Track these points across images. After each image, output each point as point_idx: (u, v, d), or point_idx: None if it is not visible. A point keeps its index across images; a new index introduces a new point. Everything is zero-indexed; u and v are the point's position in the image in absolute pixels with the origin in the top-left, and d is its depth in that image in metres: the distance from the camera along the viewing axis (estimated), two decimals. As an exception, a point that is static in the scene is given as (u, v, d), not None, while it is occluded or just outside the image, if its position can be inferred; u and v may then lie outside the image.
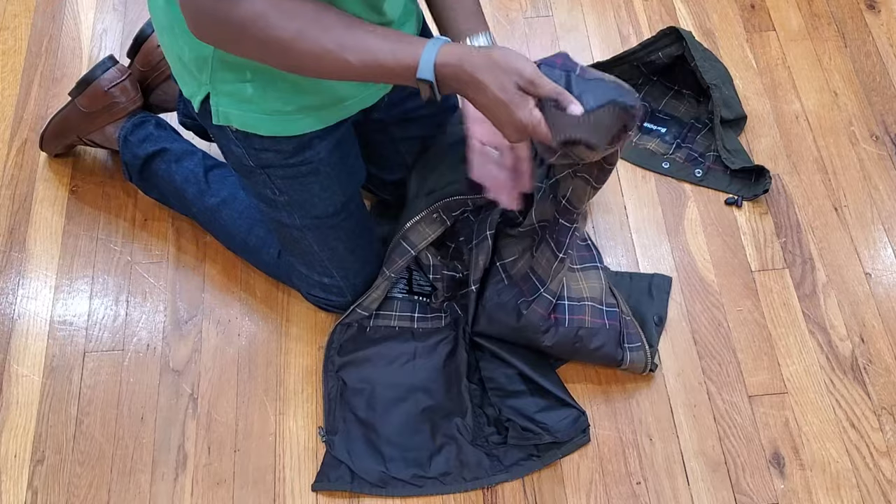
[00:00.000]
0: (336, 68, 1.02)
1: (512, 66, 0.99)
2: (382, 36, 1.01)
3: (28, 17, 1.83)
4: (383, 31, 1.02)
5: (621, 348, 1.41)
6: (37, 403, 1.42)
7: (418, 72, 1.01)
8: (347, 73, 1.03)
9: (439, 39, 1.03)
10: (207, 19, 0.98)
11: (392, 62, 1.01)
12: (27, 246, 1.57)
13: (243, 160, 1.26)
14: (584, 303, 1.41)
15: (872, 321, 1.50)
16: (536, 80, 0.99)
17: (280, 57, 1.02)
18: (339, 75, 1.04)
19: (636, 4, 1.88)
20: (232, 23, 0.97)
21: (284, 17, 0.97)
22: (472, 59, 0.99)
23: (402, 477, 1.34)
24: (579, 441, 1.37)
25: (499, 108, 1.00)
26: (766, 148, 1.69)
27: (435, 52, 1.00)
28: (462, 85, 1.01)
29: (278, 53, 1.01)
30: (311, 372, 1.45)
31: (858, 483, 1.36)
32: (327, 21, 1.00)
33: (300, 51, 1.00)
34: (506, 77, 0.99)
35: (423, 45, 1.01)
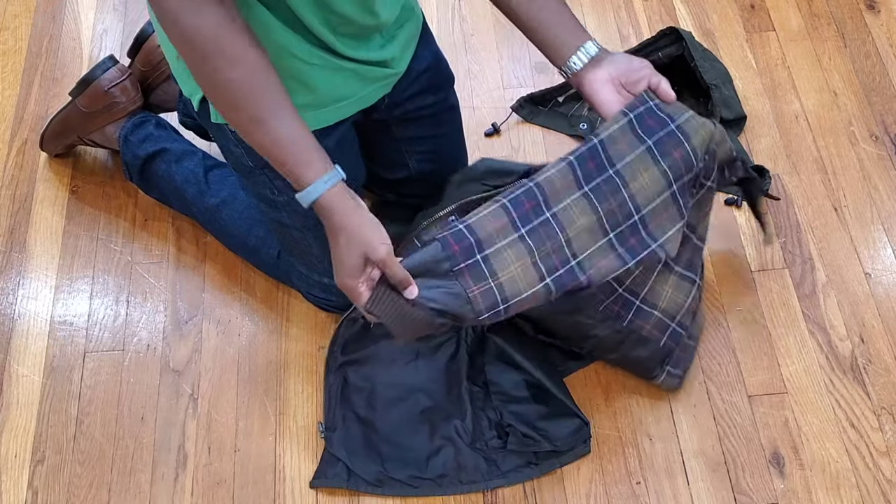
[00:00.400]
0: (243, 128, 1.06)
1: (367, 243, 1.07)
2: (301, 139, 1.05)
3: (28, 18, 1.83)
4: (303, 136, 1.05)
5: (662, 367, 1.39)
6: (37, 403, 1.42)
7: (300, 196, 1.07)
8: (251, 140, 1.07)
9: (335, 177, 1.07)
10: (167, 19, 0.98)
11: (288, 167, 1.06)
12: (27, 246, 1.57)
13: (242, 160, 1.26)
14: (655, 313, 1.37)
15: (872, 321, 1.50)
16: (386, 262, 1.07)
17: (203, 85, 1.04)
18: (245, 134, 1.07)
19: (636, 4, 1.88)
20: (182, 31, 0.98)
21: (228, 58, 0.99)
22: (341, 217, 1.07)
23: (399, 477, 1.35)
24: (579, 451, 1.37)
25: (338, 264, 1.09)
26: (765, 148, 1.69)
27: (320, 192, 1.06)
28: (326, 225, 1.09)
29: (205, 86, 1.04)
30: (311, 372, 1.45)
31: (858, 483, 1.36)
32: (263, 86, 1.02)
33: (221, 95, 1.03)
34: (354, 249, 1.07)
35: (320, 175, 1.06)
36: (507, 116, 1.72)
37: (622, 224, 1.23)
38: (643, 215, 1.23)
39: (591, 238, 1.21)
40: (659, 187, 1.23)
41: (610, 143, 1.23)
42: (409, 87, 1.33)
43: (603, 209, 1.21)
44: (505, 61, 1.80)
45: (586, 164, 1.22)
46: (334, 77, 1.17)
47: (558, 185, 1.21)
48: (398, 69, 1.25)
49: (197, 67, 1.02)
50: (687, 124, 1.24)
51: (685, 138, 1.24)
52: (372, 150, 1.42)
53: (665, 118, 1.24)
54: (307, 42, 1.11)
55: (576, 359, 1.45)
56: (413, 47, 1.29)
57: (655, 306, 1.37)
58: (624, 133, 1.23)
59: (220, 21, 0.97)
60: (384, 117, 1.35)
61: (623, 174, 1.22)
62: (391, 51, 1.21)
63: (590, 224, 1.21)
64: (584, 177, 1.21)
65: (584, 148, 1.22)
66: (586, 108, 1.72)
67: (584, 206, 1.21)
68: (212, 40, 0.98)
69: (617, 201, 1.22)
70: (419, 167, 1.45)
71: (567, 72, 1.22)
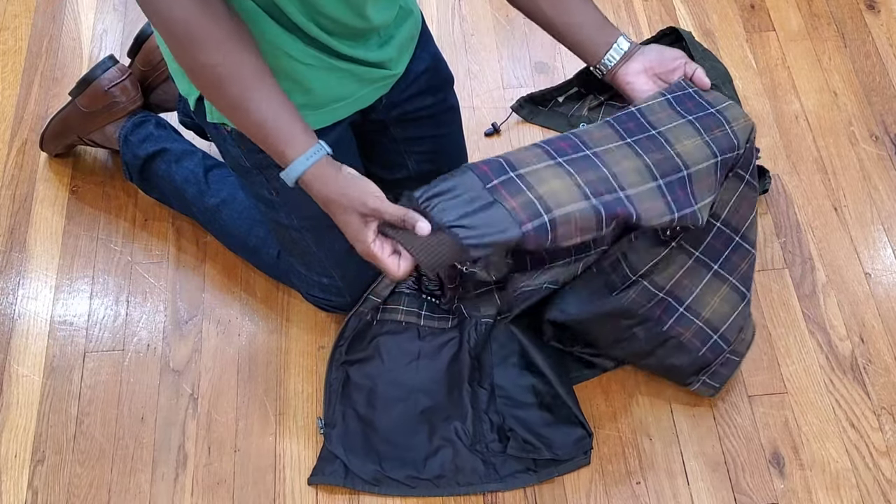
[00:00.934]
0: (226, 110, 1.06)
1: (355, 200, 1.05)
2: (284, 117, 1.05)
3: (28, 18, 1.83)
4: (286, 115, 1.05)
5: (697, 377, 1.37)
6: (37, 403, 1.42)
7: (283, 174, 1.07)
8: (235, 121, 1.07)
9: (318, 152, 1.06)
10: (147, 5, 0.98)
11: (272, 146, 1.06)
12: (27, 246, 1.57)
13: (240, 161, 1.26)
14: (697, 321, 1.34)
15: (872, 321, 1.50)
16: (379, 209, 1.05)
17: (184, 69, 1.04)
18: (229, 116, 1.07)
19: (636, 4, 1.88)
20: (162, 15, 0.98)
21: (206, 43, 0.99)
22: (323, 188, 1.06)
23: (396, 477, 1.35)
24: (579, 461, 1.36)
25: (349, 237, 1.08)
26: (765, 148, 1.69)
27: (304, 167, 1.06)
28: (319, 205, 1.09)
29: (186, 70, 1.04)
30: (311, 372, 1.45)
31: (858, 483, 1.36)
32: (244, 68, 1.02)
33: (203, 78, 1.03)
34: (348, 211, 1.06)
35: (302, 152, 1.05)
36: (507, 116, 1.72)
37: (670, 175, 1.15)
38: (691, 173, 1.16)
39: (639, 178, 1.12)
40: (703, 154, 1.18)
41: (649, 112, 1.19)
42: (408, 89, 1.32)
43: (650, 158, 1.15)
44: (505, 61, 1.80)
45: (625, 124, 1.17)
46: (330, 77, 1.16)
47: (597, 135, 1.15)
48: (396, 70, 1.25)
49: (177, 52, 1.02)
50: (727, 111, 1.22)
51: (726, 121, 1.21)
52: (370, 150, 1.42)
53: (705, 104, 1.22)
54: (302, 42, 1.10)
55: (590, 367, 1.44)
56: (411, 49, 1.29)
57: (699, 315, 1.34)
58: (662, 108, 1.20)
59: (198, 6, 0.97)
60: (382, 118, 1.35)
61: (666, 136, 1.17)
62: (388, 52, 1.21)
63: (637, 167, 1.13)
64: (626, 132, 1.16)
65: (621, 113, 1.18)
66: (586, 109, 1.72)
67: (628, 152, 1.14)
68: (190, 25, 0.98)
69: (664, 154, 1.16)
70: (418, 167, 1.45)
71: (602, 70, 1.22)
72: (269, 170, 1.25)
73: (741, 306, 1.36)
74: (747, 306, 1.37)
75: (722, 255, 1.33)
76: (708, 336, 1.36)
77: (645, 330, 1.34)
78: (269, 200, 1.30)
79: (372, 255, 1.07)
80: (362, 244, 1.07)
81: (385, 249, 1.07)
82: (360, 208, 1.06)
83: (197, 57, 1.01)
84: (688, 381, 1.38)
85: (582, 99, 1.74)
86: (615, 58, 1.21)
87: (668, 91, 1.21)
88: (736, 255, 1.34)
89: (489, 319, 1.46)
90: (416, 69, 1.31)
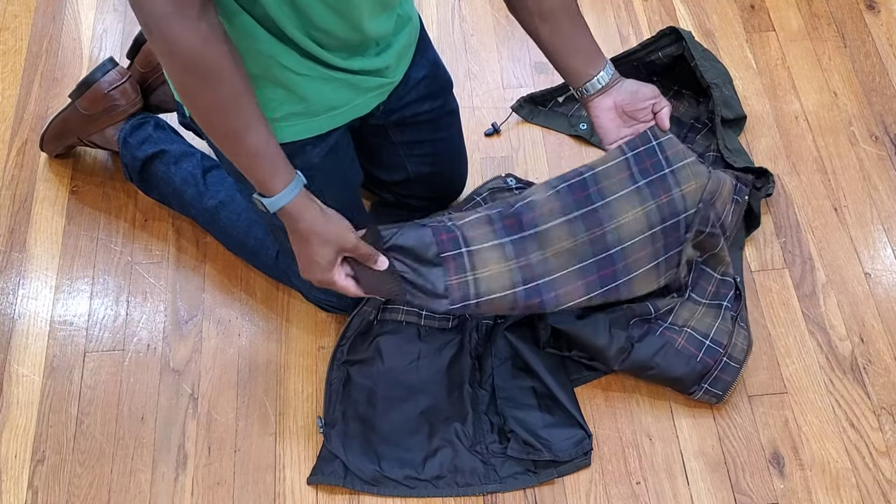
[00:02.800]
0: (220, 139, 1.08)
1: (338, 236, 1.14)
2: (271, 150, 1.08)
3: (28, 18, 1.83)
4: (273, 146, 1.08)
5: (700, 385, 1.39)
6: (37, 403, 1.42)
7: (268, 203, 1.11)
8: (224, 148, 1.09)
9: (298, 185, 1.11)
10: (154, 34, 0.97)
11: (259, 176, 1.09)
12: (27, 246, 1.57)
13: (234, 165, 1.25)
14: (686, 329, 1.41)
15: (872, 321, 1.50)
16: (358, 246, 1.16)
17: (182, 98, 1.05)
18: (219, 143, 1.09)
19: (636, 4, 1.88)
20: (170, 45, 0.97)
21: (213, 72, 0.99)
22: (309, 222, 1.12)
23: (395, 477, 1.35)
24: (579, 463, 1.36)
25: (311, 264, 1.16)
26: (765, 148, 1.69)
27: (289, 199, 1.10)
28: (291, 231, 1.15)
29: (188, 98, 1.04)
30: (312, 372, 1.46)
31: (858, 483, 1.36)
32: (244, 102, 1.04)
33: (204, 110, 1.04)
34: (328, 246, 1.14)
35: (287, 183, 1.10)
36: (507, 116, 1.72)
37: (599, 254, 1.30)
38: (624, 248, 1.31)
39: (566, 261, 1.29)
40: (640, 227, 1.31)
41: (602, 178, 1.30)
42: (407, 95, 1.32)
43: (584, 236, 1.29)
44: (505, 61, 1.80)
45: (576, 194, 1.29)
46: (325, 87, 1.15)
47: (546, 208, 1.28)
48: (393, 78, 1.24)
49: (176, 80, 1.02)
50: (682, 171, 1.32)
51: (676, 185, 1.31)
52: (369, 152, 1.42)
53: (662, 162, 1.31)
54: (296, 52, 1.09)
55: (590, 369, 1.44)
56: (409, 56, 1.28)
57: (686, 325, 1.42)
58: (619, 169, 1.31)
59: (202, 36, 0.97)
60: (381, 122, 1.35)
61: (611, 208, 1.30)
62: (386, 60, 1.20)
63: (569, 248, 1.29)
64: (574, 204, 1.29)
65: (574, 179, 1.30)
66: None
67: (565, 231, 1.28)
68: (192, 55, 0.97)
69: (600, 231, 1.30)
70: (418, 169, 1.45)
71: (579, 94, 1.29)
72: None
73: (721, 313, 1.43)
74: (727, 312, 1.43)
75: (687, 283, 1.45)
76: (700, 342, 1.40)
77: (640, 336, 1.39)
78: None
79: (331, 281, 1.17)
80: (327, 274, 1.16)
81: (341, 274, 1.18)
82: (342, 243, 1.14)
83: (200, 87, 1.01)
84: (690, 390, 1.39)
85: (582, 99, 1.74)
86: (594, 88, 1.26)
87: (630, 147, 1.30)
88: (701, 279, 1.46)
89: (489, 321, 1.46)
90: (414, 76, 1.31)
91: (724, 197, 1.40)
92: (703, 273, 1.46)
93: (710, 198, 1.35)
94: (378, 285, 1.21)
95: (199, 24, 0.96)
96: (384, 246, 1.21)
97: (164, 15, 0.95)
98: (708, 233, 1.37)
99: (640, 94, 1.27)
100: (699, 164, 1.34)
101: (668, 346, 1.38)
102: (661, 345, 1.38)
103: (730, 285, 1.45)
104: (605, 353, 1.38)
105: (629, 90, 1.27)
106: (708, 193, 1.34)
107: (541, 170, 1.66)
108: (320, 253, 1.14)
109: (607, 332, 1.38)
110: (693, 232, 1.35)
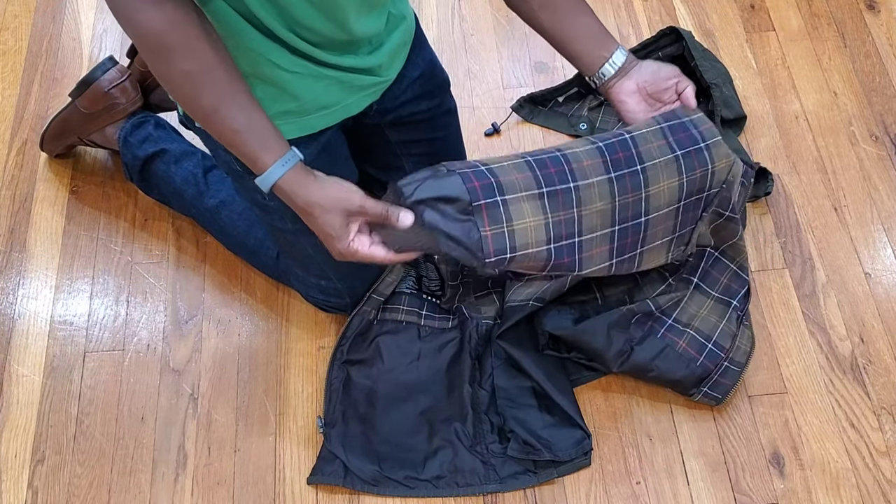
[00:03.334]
0: (200, 118, 1.06)
1: (340, 203, 1.07)
2: (257, 125, 1.05)
3: (28, 18, 1.83)
4: (260, 122, 1.05)
5: (699, 388, 1.39)
6: (37, 403, 1.42)
7: (259, 181, 1.07)
8: (209, 128, 1.07)
9: (292, 159, 1.07)
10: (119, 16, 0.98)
11: (247, 153, 1.06)
12: (27, 246, 1.57)
13: (232, 164, 1.24)
14: (687, 331, 1.40)
15: (872, 321, 1.50)
16: (364, 205, 1.08)
17: (158, 78, 1.04)
18: (204, 124, 1.07)
19: (636, 4, 1.88)
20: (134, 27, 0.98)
21: (178, 52, 0.99)
22: (305, 194, 1.07)
23: (395, 477, 1.35)
24: (579, 463, 1.36)
25: (324, 237, 1.10)
26: (765, 148, 1.69)
27: (279, 174, 1.06)
28: (294, 209, 1.10)
29: (161, 79, 1.03)
30: (312, 372, 1.46)
31: (858, 483, 1.36)
32: (216, 77, 1.02)
33: (177, 87, 1.03)
34: (332, 213, 1.07)
35: (277, 158, 1.05)
36: (507, 116, 1.72)
37: (629, 220, 1.23)
38: (649, 219, 1.24)
39: (600, 222, 1.21)
40: (671, 198, 1.24)
41: (641, 142, 1.22)
42: (402, 95, 1.31)
43: (620, 200, 1.21)
44: (505, 61, 1.80)
45: (616, 154, 1.21)
46: (316, 85, 1.14)
47: (585, 163, 1.19)
48: (386, 77, 1.23)
49: (150, 61, 1.01)
50: (714, 148, 1.25)
51: (710, 160, 1.25)
52: (366, 152, 1.41)
53: (697, 136, 1.24)
54: (286, 50, 1.09)
55: (590, 369, 1.44)
56: (403, 55, 1.27)
57: (688, 325, 1.40)
58: (656, 137, 1.23)
59: (169, 17, 0.96)
60: (377, 122, 1.34)
61: (648, 174, 1.22)
62: (378, 58, 1.19)
63: (604, 209, 1.20)
64: (613, 164, 1.20)
65: (613, 139, 1.21)
66: (586, 108, 1.72)
67: (605, 190, 1.20)
68: (161, 35, 0.97)
69: (635, 197, 1.22)
70: (415, 169, 1.43)
71: (596, 81, 1.22)
72: None
73: (728, 313, 1.41)
74: (734, 312, 1.41)
75: (699, 269, 1.40)
76: (702, 345, 1.39)
77: (640, 338, 1.38)
78: (263, 205, 1.29)
79: (351, 251, 1.10)
80: (342, 242, 1.09)
81: (364, 243, 1.11)
82: (346, 206, 1.08)
83: (171, 66, 1.00)
84: (690, 392, 1.39)
85: (582, 99, 1.74)
86: (610, 71, 1.20)
87: (664, 119, 1.23)
88: (715, 269, 1.41)
89: (490, 321, 1.46)
90: (410, 75, 1.30)
91: (738, 180, 1.34)
92: (717, 262, 1.42)
93: (733, 180, 1.30)
94: (409, 242, 1.11)
95: (163, 4, 0.96)
96: (408, 201, 1.11)
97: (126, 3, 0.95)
98: (727, 217, 1.33)
99: (663, 73, 1.21)
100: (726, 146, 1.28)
101: (669, 349, 1.38)
102: (662, 348, 1.38)
103: (743, 282, 1.42)
104: (603, 356, 1.38)
105: (650, 70, 1.21)
106: (732, 175, 1.29)
107: (541, 170, 1.66)
108: (328, 223, 1.08)
109: (605, 336, 1.38)
110: (711, 212, 1.31)
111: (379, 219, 1.09)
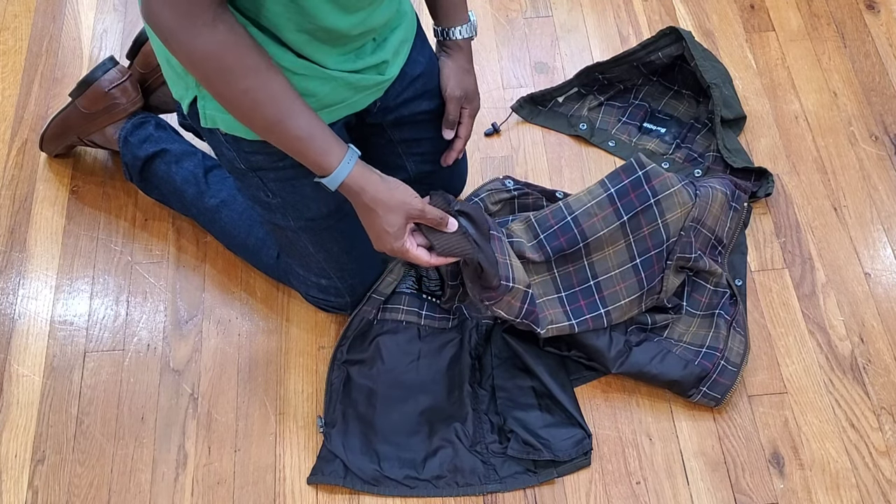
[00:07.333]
0: (261, 131, 1.09)
1: (404, 206, 1.15)
2: (317, 130, 1.09)
3: (28, 18, 1.83)
4: (319, 126, 1.09)
5: (698, 389, 1.40)
6: (37, 403, 1.42)
7: (327, 181, 1.12)
8: (272, 139, 1.10)
9: (353, 156, 1.12)
10: (170, 46, 0.99)
11: (312, 158, 1.10)
12: (28, 246, 1.57)
13: (235, 163, 1.25)
14: (681, 343, 1.43)
15: (872, 321, 1.50)
16: (425, 211, 1.17)
17: (218, 100, 1.06)
18: (265, 135, 1.10)
19: (636, 5, 1.88)
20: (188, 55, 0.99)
21: (237, 71, 1.01)
22: (372, 192, 1.13)
23: (395, 477, 1.35)
24: (579, 463, 1.37)
25: (382, 234, 1.16)
26: (765, 148, 1.69)
27: (347, 171, 1.11)
28: (356, 205, 1.16)
29: (220, 99, 1.05)
30: (312, 372, 1.46)
31: (858, 483, 1.36)
32: (275, 90, 1.04)
33: (238, 106, 1.05)
34: (395, 214, 1.15)
35: (341, 157, 1.11)
36: (507, 116, 1.72)
37: (575, 287, 1.40)
38: (598, 282, 1.40)
39: (542, 291, 1.38)
40: (621, 259, 1.40)
41: (584, 218, 1.39)
42: (403, 93, 1.32)
43: (560, 272, 1.40)
44: (505, 61, 1.81)
45: (557, 240, 1.39)
46: (323, 86, 1.16)
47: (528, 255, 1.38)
48: (389, 75, 1.24)
49: (208, 84, 1.03)
50: (667, 201, 1.37)
51: (659, 214, 1.37)
52: (368, 151, 1.41)
53: (647, 192, 1.37)
54: (293, 53, 1.10)
55: (590, 369, 1.45)
56: (405, 52, 1.28)
57: (679, 341, 1.44)
58: (601, 207, 1.37)
59: (222, 37, 0.98)
60: (379, 120, 1.35)
61: (590, 246, 1.39)
62: (383, 55, 1.20)
63: (542, 281, 1.39)
64: (553, 250, 1.39)
65: (556, 226, 1.38)
66: (586, 109, 1.72)
67: (542, 269, 1.39)
68: (219, 58, 0.99)
69: (575, 267, 1.40)
70: (418, 168, 1.45)
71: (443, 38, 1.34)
72: (263, 171, 1.24)
73: (714, 321, 1.45)
74: (720, 319, 1.45)
75: (683, 294, 1.47)
76: (696, 351, 1.42)
77: (638, 342, 1.41)
78: (266, 202, 1.30)
79: (404, 250, 1.17)
80: (398, 241, 1.16)
81: (413, 244, 1.18)
82: (409, 209, 1.15)
83: (231, 86, 1.02)
84: (689, 393, 1.40)
85: (582, 99, 1.74)
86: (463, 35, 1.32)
87: (613, 182, 1.38)
88: (696, 293, 1.48)
89: (489, 321, 1.46)
90: (411, 73, 1.31)
91: (714, 213, 1.44)
92: (696, 286, 1.48)
93: (694, 225, 1.39)
94: (452, 247, 1.21)
95: (215, 28, 0.97)
96: (453, 208, 1.22)
97: (175, 28, 0.96)
98: (694, 259, 1.42)
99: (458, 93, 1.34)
100: (685, 190, 1.38)
101: (666, 351, 1.40)
102: (659, 350, 1.40)
103: (722, 294, 1.47)
104: (604, 355, 1.39)
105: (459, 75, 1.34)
106: (691, 220, 1.38)
107: (541, 170, 1.66)
108: (389, 221, 1.14)
109: (607, 335, 1.40)
110: (675, 259, 1.40)
111: (433, 223, 1.18)
